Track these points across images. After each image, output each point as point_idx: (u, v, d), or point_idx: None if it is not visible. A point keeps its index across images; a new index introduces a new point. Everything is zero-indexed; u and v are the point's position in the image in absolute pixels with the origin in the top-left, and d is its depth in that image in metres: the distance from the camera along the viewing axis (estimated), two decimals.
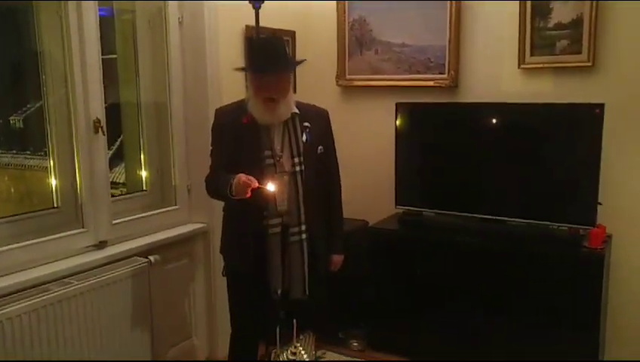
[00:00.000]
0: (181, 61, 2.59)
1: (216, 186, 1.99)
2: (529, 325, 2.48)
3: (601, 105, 2.36)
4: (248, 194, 1.83)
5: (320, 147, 2.05)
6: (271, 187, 1.87)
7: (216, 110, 2.08)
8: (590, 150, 2.41)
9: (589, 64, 2.55)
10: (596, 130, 2.37)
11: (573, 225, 2.49)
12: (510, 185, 2.67)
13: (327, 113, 2.13)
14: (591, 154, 2.40)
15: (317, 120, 2.06)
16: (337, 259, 2.20)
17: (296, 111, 2.01)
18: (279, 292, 2.00)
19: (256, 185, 1.83)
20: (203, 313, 2.73)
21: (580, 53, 2.56)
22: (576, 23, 2.55)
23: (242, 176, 1.83)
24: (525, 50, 2.68)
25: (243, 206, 1.96)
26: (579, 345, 2.39)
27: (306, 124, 2.01)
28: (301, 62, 2.05)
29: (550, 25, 2.62)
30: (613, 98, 2.47)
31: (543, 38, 2.64)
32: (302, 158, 1.98)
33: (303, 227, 2.00)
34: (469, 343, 2.61)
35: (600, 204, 2.42)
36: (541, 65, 2.67)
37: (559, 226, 2.53)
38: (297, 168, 1.98)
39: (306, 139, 2.00)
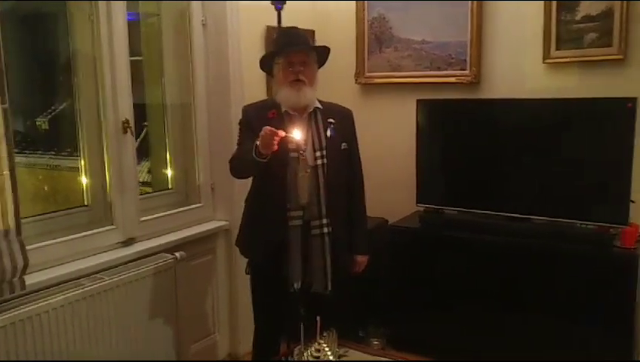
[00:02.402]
0: (204, 62, 2.70)
1: (240, 156, 2.03)
2: (557, 326, 2.47)
3: (634, 100, 2.33)
4: (275, 147, 1.86)
5: (344, 143, 2.11)
6: (297, 134, 1.89)
7: (244, 107, 2.17)
8: (622, 146, 2.38)
9: (620, 57, 2.52)
10: (628, 125, 2.35)
11: (605, 224, 2.46)
12: (536, 183, 2.65)
13: (352, 113, 2.20)
14: (623, 150, 2.37)
15: (341, 118, 2.13)
16: (361, 259, 2.24)
17: (320, 106, 2.09)
18: (296, 285, 2.04)
19: (282, 134, 1.83)
20: (225, 309, 2.83)
21: (610, 45, 2.54)
22: (606, 14, 2.53)
23: (267, 128, 1.84)
24: (551, 44, 2.68)
25: (265, 196, 2.04)
26: (611, 347, 2.37)
27: (331, 120, 2.08)
28: (326, 47, 2.11)
29: (578, 17, 2.60)
30: None
31: (570, 31, 2.63)
32: (324, 152, 2.04)
33: (325, 220, 2.05)
34: (491, 343, 2.62)
35: (633, 201, 2.40)
36: (567, 60, 2.66)
37: (587, 225, 2.51)
38: (319, 162, 2.04)
39: (330, 135, 2.07)
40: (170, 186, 2.77)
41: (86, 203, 2.35)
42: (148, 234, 2.46)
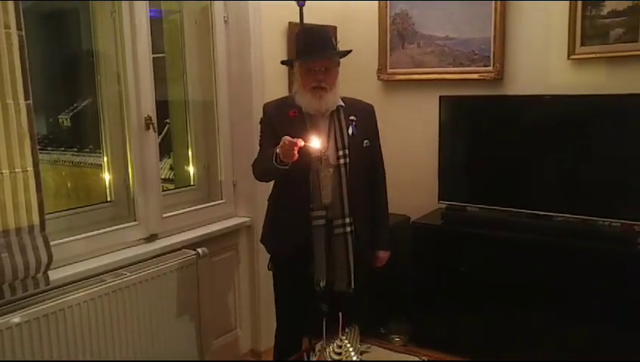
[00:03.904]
0: (227, 59, 2.64)
1: (262, 163, 2.00)
2: (580, 324, 2.41)
3: None
4: (295, 156, 1.81)
5: (366, 140, 2.04)
6: (316, 143, 1.84)
7: (264, 105, 2.10)
8: None
9: None
10: None
11: (627, 221, 2.40)
12: (559, 180, 2.60)
13: (373, 108, 2.13)
14: None
15: (363, 114, 2.06)
16: (383, 255, 2.18)
17: (342, 104, 2.02)
18: (322, 284, 1.99)
19: (301, 143, 1.79)
20: (247, 305, 2.78)
21: (636, 41, 2.45)
22: (634, 9, 2.44)
23: (286, 138, 1.80)
24: (575, 39, 2.59)
25: (288, 197, 1.99)
26: (633, 348, 2.29)
27: (352, 117, 2.01)
28: (348, 52, 2.03)
29: (604, 13, 2.52)
30: None
31: (596, 26, 2.54)
32: (347, 151, 1.98)
33: (347, 219, 2.00)
34: (512, 341, 2.56)
35: None
36: (593, 56, 2.57)
37: (611, 222, 2.44)
38: (342, 161, 1.98)
39: (352, 132, 2.00)
40: (192, 183, 2.72)
41: (109, 199, 2.31)
42: (170, 230, 2.41)
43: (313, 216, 1.97)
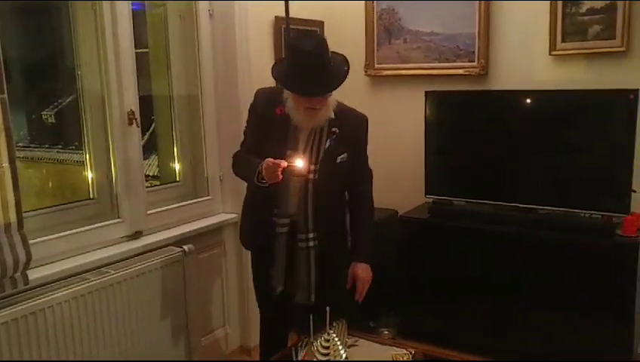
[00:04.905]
0: (212, 53, 2.54)
1: (244, 170, 1.93)
2: (561, 315, 2.40)
3: (636, 91, 2.27)
4: (280, 178, 1.74)
5: (343, 155, 1.89)
6: (300, 163, 1.77)
7: (257, 91, 1.97)
8: (624, 137, 2.31)
9: (623, 49, 2.45)
10: (630, 117, 2.28)
11: (607, 213, 2.40)
12: (542, 173, 2.58)
13: (365, 119, 1.96)
14: (625, 140, 2.31)
15: (349, 125, 1.90)
16: (362, 271, 1.99)
17: (332, 115, 1.87)
18: (279, 290, 1.94)
19: (285, 164, 1.74)
20: (235, 301, 2.70)
21: (613, 38, 2.47)
22: (610, 7, 2.46)
23: (269, 160, 1.74)
24: (556, 36, 2.59)
25: (258, 196, 1.91)
26: (611, 336, 2.30)
27: (334, 129, 1.87)
28: (346, 73, 1.84)
29: (582, 10, 2.53)
30: None
31: (575, 23, 2.55)
32: (317, 166, 1.87)
33: (311, 234, 1.91)
34: (500, 332, 2.54)
35: (634, 191, 2.33)
36: (573, 52, 2.58)
37: (592, 214, 2.45)
38: (311, 176, 1.86)
39: (329, 145, 1.87)
40: (177, 179, 2.61)
41: (92, 196, 2.20)
42: (155, 227, 2.31)
43: (278, 222, 1.90)
